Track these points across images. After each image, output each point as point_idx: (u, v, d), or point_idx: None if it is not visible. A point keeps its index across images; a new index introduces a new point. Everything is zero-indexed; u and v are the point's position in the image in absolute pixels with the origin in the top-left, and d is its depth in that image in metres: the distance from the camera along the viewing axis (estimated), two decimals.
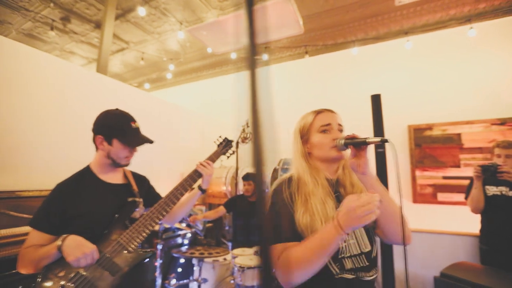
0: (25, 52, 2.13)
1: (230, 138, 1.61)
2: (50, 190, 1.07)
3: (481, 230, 2.06)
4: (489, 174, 1.80)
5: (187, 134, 3.85)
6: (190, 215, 2.85)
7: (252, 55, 0.42)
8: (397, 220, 0.82)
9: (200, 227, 2.79)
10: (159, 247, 2.08)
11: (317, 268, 0.73)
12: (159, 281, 2.09)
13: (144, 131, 1.24)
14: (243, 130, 2.61)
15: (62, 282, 0.93)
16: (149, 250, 1.15)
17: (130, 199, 1.19)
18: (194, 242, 2.56)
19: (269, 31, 2.81)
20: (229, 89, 4.70)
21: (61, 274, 0.95)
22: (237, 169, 3.52)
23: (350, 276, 0.79)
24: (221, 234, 3.58)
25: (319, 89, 3.83)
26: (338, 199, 0.88)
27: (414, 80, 3.36)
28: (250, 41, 0.43)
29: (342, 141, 0.87)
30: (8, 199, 1.84)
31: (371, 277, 0.82)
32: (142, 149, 1.23)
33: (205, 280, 2.03)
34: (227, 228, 3.79)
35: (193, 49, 4.46)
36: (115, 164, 1.17)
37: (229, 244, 3.05)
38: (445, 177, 3.03)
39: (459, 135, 3.03)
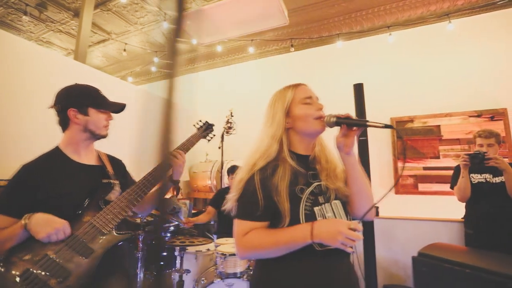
0: (10, 41, 2.04)
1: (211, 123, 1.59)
2: None
3: (466, 216, 2.11)
4: (477, 161, 1.82)
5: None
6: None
7: (175, 41, 0.38)
8: (367, 197, 0.90)
9: (184, 220, 2.74)
10: (140, 238, 2.02)
11: (277, 255, 0.80)
12: (141, 275, 2.03)
13: (130, 123, 1.20)
14: (227, 120, 2.58)
15: (28, 266, 0.87)
16: (125, 232, 1.10)
17: (104, 181, 1.14)
18: (175, 232, 2.51)
19: (254, 21, 2.79)
20: (216, 82, 4.65)
21: (27, 257, 0.89)
22: (222, 162, 3.48)
23: (330, 247, 0.80)
24: (206, 229, 3.54)
25: (304, 82, 3.85)
26: (314, 177, 0.89)
27: (397, 74, 3.44)
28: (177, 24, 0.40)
29: (334, 119, 0.86)
30: None
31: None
32: (128, 142, 1.19)
33: (187, 271, 1.99)
34: (212, 222, 3.74)
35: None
36: (95, 137, 1.13)
37: (214, 237, 3.01)
38: (425, 168, 3.12)
39: (438, 127, 3.13)
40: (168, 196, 3.36)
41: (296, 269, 0.79)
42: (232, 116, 2.43)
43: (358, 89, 2.32)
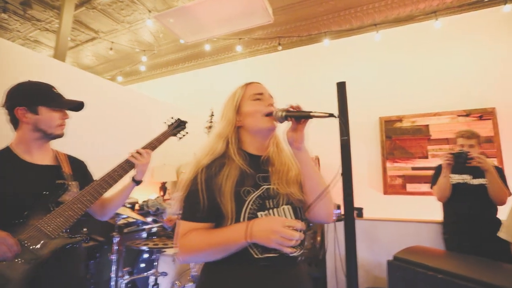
0: None
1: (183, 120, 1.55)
2: None
3: (444, 219, 2.07)
4: (461, 160, 1.77)
5: (160, 127, 3.72)
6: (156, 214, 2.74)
7: None
8: (326, 198, 0.83)
9: (166, 219, 2.68)
10: (115, 240, 1.97)
11: (214, 258, 0.75)
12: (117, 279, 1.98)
13: (114, 123, 1.15)
14: (210, 120, 2.53)
15: None
16: (76, 236, 1.05)
17: (59, 182, 1.10)
18: (152, 234, 2.46)
19: (238, 19, 2.74)
20: (206, 82, 4.60)
21: None
22: None
23: (272, 255, 0.75)
24: None
25: (292, 81, 3.81)
26: (264, 179, 0.84)
27: (385, 73, 3.39)
28: None
29: (283, 113, 0.82)
30: None
31: (294, 254, 0.77)
32: (113, 142, 1.17)
33: (164, 274, 1.94)
34: None
35: (166, 40, 4.32)
36: (48, 136, 1.08)
37: None
38: (414, 168, 3.08)
39: (427, 126, 3.08)
40: (154, 196, 3.31)
41: (234, 278, 0.74)
42: (213, 115, 2.39)
43: (341, 88, 2.26)
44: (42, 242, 0.94)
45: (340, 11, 3.53)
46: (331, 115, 0.73)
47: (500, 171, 1.82)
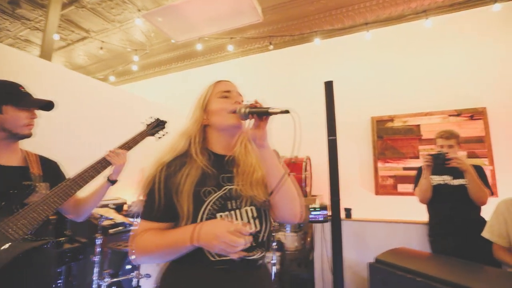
0: None
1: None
2: None
3: (428, 221, 2.05)
4: (440, 162, 1.78)
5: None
6: None
7: None
8: (290, 196, 0.80)
9: None
10: (98, 242, 1.94)
11: (166, 260, 0.75)
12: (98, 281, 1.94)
13: (111, 123, 1.14)
14: None
15: None
16: (43, 239, 1.02)
17: (26, 183, 1.07)
18: None
19: (226, 18, 2.71)
20: (198, 81, 4.57)
21: None
22: None
23: (229, 258, 0.71)
24: None
25: (284, 81, 3.78)
26: (228, 179, 0.81)
27: (377, 73, 3.37)
28: None
29: (247, 110, 0.78)
30: None
31: (254, 257, 0.74)
32: (109, 142, 1.20)
33: (147, 276, 1.91)
34: None
35: (158, 40, 4.29)
36: (14, 136, 1.05)
37: None
38: (405, 168, 3.05)
39: (418, 126, 3.06)
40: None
41: (188, 280, 0.72)
42: None
43: (329, 87, 2.24)
44: (1, 244, 0.91)
45: (332, 10, 3.51)
46: (286, 111, 0.70)
47: (480, 171, 1.80)
